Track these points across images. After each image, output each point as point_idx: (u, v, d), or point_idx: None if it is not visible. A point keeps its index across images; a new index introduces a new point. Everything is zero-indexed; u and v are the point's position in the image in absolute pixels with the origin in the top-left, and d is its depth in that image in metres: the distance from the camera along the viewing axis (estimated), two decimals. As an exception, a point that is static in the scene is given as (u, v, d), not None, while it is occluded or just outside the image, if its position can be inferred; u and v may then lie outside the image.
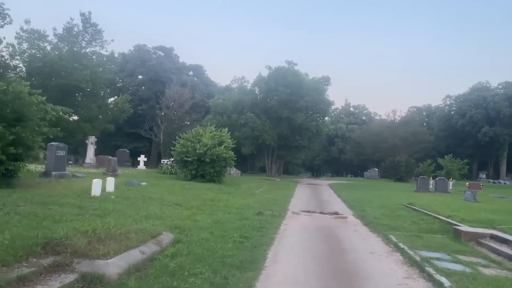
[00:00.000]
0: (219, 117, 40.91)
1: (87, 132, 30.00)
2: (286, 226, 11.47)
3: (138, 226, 7.97)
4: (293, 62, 41.69)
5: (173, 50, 61.19)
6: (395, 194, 24.31)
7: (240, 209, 13.65)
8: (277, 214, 13.47)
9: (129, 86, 55.28)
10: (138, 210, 10.55)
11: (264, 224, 11.16)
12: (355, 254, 8.31)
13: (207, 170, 22.39)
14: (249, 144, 39.57)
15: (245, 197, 18.04)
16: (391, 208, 16.45)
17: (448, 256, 8.35)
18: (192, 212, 11.83)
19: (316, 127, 42.48)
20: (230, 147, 24.08)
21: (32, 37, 29.88)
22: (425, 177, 29.70)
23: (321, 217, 14.17)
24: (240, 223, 10.73)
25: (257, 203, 15.84)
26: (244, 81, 44.98)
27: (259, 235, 9.45)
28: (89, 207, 10.06)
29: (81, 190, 13.09)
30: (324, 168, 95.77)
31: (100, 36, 31.85)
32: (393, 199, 20.44)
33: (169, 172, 27.14)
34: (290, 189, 26.78)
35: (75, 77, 27.82)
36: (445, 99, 73.20)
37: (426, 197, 22.16)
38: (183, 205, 12.86)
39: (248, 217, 11.92)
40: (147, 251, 6.73)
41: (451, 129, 64.69)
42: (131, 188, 15.29)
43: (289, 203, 17.84)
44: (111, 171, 20.06)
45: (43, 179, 15.71)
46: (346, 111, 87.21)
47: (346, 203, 19.40)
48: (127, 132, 54.42)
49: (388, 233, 10.82)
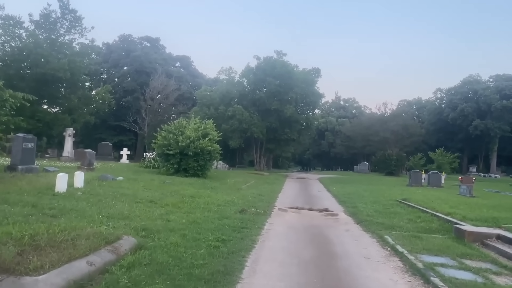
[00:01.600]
0: (206, 109, 39.46)
1: (66, 124, 28.50)
2: (270, 225, 10.34)
3: (93, 229, 6.74)
4: (282, 52, 40.32)
5: (159, 41, 59.48)
6: (387, 189, 23.34)
7: (222, 207, 12.47)
8: (262, 211, 12.33)
9: (113, 78, 53.53)
10: (103, 209, 9.32)
11: (247, 223, 10.02)
12: (348, 260, 7.22)
13: (190, 164, 21.15)
14: (237, 137, 38.23)
15: (229, 192, 16.86)
16: (384, 204, 15.44)
17: (453, 261, 7.31)
18: (167, 210, 10.62)
19: (306, 119, 41.26)
20: (215, 139, 22.84)
21: (7, 24, 28.18)
22: (418, 171, 28.83)
23: (310, 214, 13.08)
24: (219, 223, 9.57)
25: (242, 200, 14.67)
26: (232, 72, 43.51)
27: (238, 238, 8.30)
28: (45, 206, 8.82)
29: (46, 186, 11.83)
30: (314, 162, 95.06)
31: (80, 23, 30.20)
32: (386, 194, 19.45)
33: (152, 166, 25.85)
34: (278, 184, 25.68)
35: (51, 66, 26.23)
36: (436, 92, 72.77)
37: (419, 191, 21.23)
38: (157, 202, 11.65)
39: (229, 216, 10.76)
40: (98, 262, 5.52)
41: (441, 122, 64.14)
42: (104, 184, 14.02)
43: (276, 199, 16.73)
44: (87, 165, 18.72)
45: (7, 173, 14.37)
46: (337, 105, 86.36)
47: (336, 199, 18.36)
48: (112, 125, 52.85)
49: (384, 233, 9.77)
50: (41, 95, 29.03)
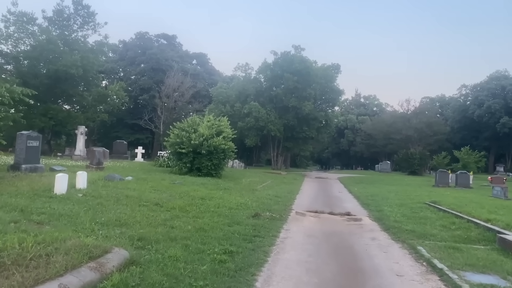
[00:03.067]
0: (221, 107, 38.50)
1: (79, 122, 27.97)
2: (287, 233, 9.24)
3: (78, 240, 5.77)
4: (300, 47, 38.94)
5: (176, 38, 58.85)
6: (413, 190, 21.94)
7: (234, 210, 11.42)
8: (278, 216, 11.22)
9: (130, 75, 53.15)
10: (99, 214, 8.40)
11: (260, 230, 8.95)
12: (378, 279, 6.08)
13: (203, 163, 20.19)
14: (253, 135, 37.13)
15: (243, 194, 15.80)
16: (412, 208, 14.14)
17: (505, 282, 6.09)
18: (172, 215, 9.63)
19: (325, 117, 39.81)
20: (230, 137, 21.82)
21: (20, 20, 27.79)
22: (444, 170, 27.19)
23: (331, 219, 11.92)
24: (228, 231, 8.54)
25: (256, 202, 13.59)
26: (248, 68, 42.36)
27: (249, 249, 7.23)
28: (35, 210, 7.94)
29: (45, 187, 11.03)
30: (333, 160, 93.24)
31: (93, 19, 29.61)
32: (412, 196, 18.10)
33: (165, 165, 25.04)
34: (296, 184, 24.51)
35: (63, 62, 25.67)
36: (461, 89, 69.96)
37: (448, 193, 19.77)
38: (164, 205, 10.67)
39: (240, 221, 9.71)
40: (74, 284, 4.52)
41: (466, 120, 61.62)
42: (109, 184, 13.16)
43: (294, 201, 15.59)
44: (96, 164, 17.97)
45: (10, 173, 13.69)
46: (357, 102, 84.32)
47: (359, 201, 17.11)
48: (129, 123, 52.58)
49: (416, 243, 8.56)
50: (54, 93, 28.65)
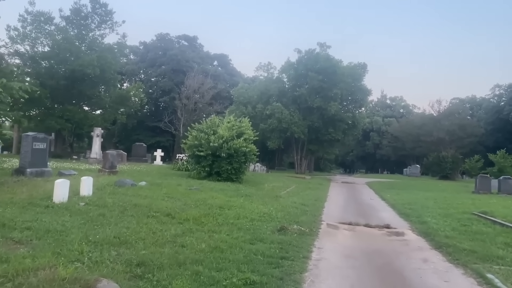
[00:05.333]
0: (243, 108, 37.09)
1: (96, 124, 27.10)
2: (320, 252, 7.68)
3: (50, 271, 4.39)
4: (326, 44, 37.04)
5: (197, 39, 57.93)
6: (452, 197, 19.91)
7: (256, 222, 9.90)
8: (307, 229, 9.65)
9: (150, 77, 52.57)
10: (96, 229, 7.07)
11: (287, 250, 7.43)
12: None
13: (223, 166, 18.77)
14: (276, 138, 35.53)
15: (266, 201, 14.27)
16: (459, 219, 12.29)
17: None
18: (184, 228, 8.21)
19: (352, 118, 37.81)
20: (252, 139, 20.36)
21: (37, 20, 27.22)
22: (486, 175, 24.96)
23: (368, 233, 10.28)
24: (250, 250, 7.04)
25: (281, 211, 12.02)
26: (270, 67, 40.81)
27: (276, 278, 5.72)
28: (20, 225, 6.70)
29: (46, 194, 9.89)
30: (357, 164, 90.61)
31: (110, 17, 28.79)
32: (454, 204, 16.15)
33: (184, 169, 23.82)
34: (322, 190, 22.79)
35: (79, 62, 24.86)
36: (494, 89, 66.62)
37: (494, 201, 17.68)
38: (176, 216, 9.29)
39: (264, 237, 8.20)
40: None
41: (500, 121, 58.46)
42: (119, 191, 11.90)
43: (323, 210, 13.95)
44: (108, 168, 16.83)
45: (14, 177, 12.64)
46: (382, 104, 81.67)
47: (395, 209, 15.31)
48: (150, 126, 51.96)
49: (482, 269, 6.88)
50: (71, 94, 27.93)
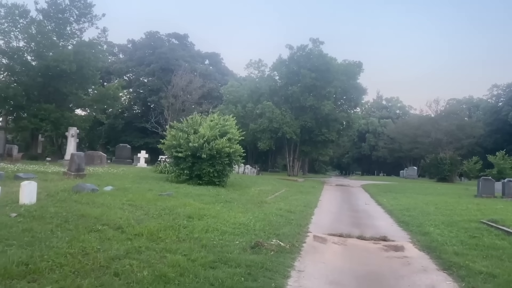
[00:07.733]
0: (232, 107, 35.46)
1: (73, 124, 25.34)
2: (299, 278, 6.04)
3: None
4: (319, 40, 35.32)
5: (188, 37, 56.21)
6: (454, 201, 18.30)
7: (228, 236, 8.23)
8: (288, 244, 8.00)
9: (139, 76, 50.84)
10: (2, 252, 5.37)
11: (257, 276, 5.79)
12: None
13: (204, 169, 17.12)
14: (267, 138, 33.86)
15: (248, 208, 12.60)
16: (466, 229, 10.68)
17: None
18: (132, 247, 6.52)
19: (346, 118, 36.20)
20: (237, 139, 18.73)
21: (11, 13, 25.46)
22: (489, 178, 23.45)
23: (362, 247, 8.67)
24: (206, 278, 5.38)
25: (261, 221, 10.34)
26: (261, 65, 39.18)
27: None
28: None
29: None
30: (353, 166, 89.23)
31: (90, 10, 26.99)
32: (457, 210, 14.58)
33: (166, 171, 22.17)
34: (314, 193, 21.16)
35: (55, 57, 23.10)
36: (492, 89, 65.78)
37: (501, 206, 16.12)
38: (127, 230, 7.60)
39: (231, 258, 6.54)
40: None
41: (499, 122, 57.70)
42: (73, 197, 10.24)
43: (311, 218, 12.32)
44: (74, 171, 15.15)
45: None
46: (378, 104, 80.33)
47: (393, 217, 13.72)
48: (138, 127, 50.21)
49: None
50: (47, 91, 26.20)
